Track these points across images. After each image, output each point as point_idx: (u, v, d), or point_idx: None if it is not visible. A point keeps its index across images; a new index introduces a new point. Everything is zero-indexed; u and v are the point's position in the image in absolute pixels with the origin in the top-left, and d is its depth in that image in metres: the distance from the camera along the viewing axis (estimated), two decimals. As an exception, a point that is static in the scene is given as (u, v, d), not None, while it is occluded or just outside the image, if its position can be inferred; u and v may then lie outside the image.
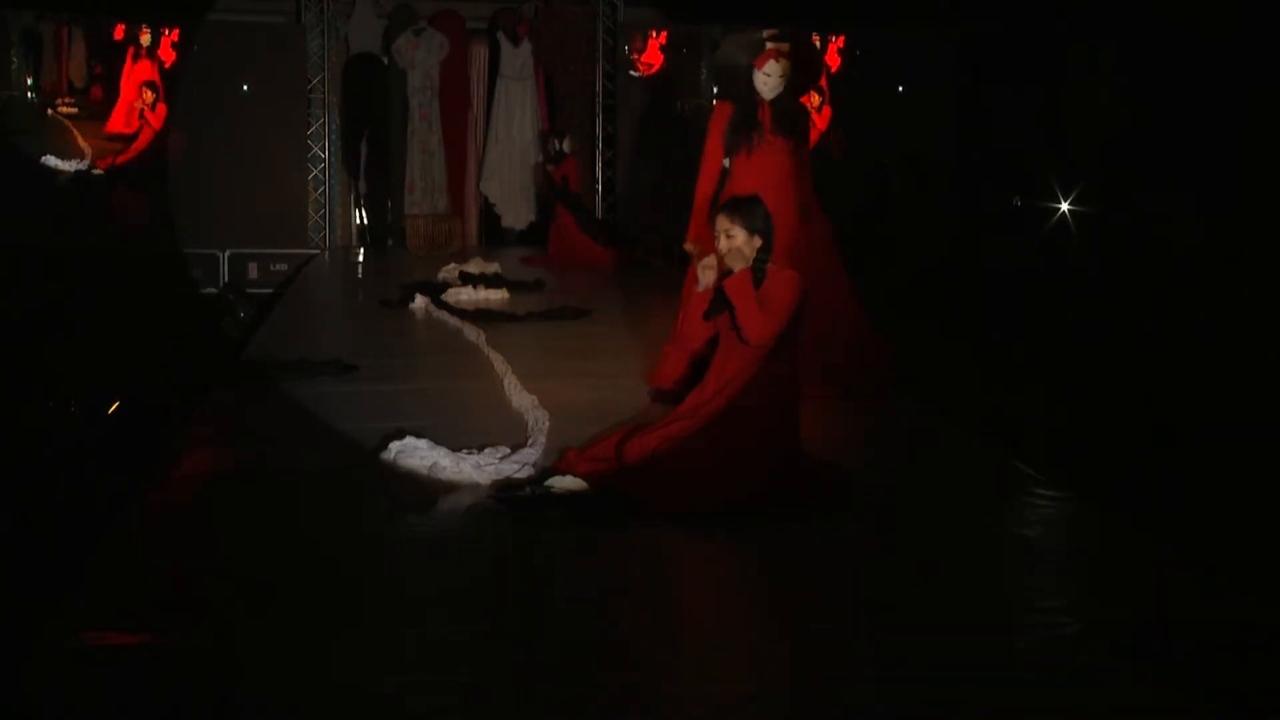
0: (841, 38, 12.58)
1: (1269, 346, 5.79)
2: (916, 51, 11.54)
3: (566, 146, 11.39)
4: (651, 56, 12.87)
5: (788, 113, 6.05)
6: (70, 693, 2.92)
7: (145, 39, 11.63)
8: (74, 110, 11.47)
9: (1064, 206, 7.83)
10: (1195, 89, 6.70)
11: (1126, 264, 7.17)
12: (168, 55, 11.79)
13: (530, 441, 4.92)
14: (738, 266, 4.35)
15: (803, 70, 6.12)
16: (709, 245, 4.61)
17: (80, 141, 11.41)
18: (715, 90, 12.55)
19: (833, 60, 12.75)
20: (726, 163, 6.13)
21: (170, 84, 11.61)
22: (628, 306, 8.76)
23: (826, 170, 12.08)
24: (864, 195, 11.19)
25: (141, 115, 11.57)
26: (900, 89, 11.76)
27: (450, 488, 4.45)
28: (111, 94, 11.63)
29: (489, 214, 12.62)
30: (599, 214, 12.75)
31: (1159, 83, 7.06)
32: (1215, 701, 2.98)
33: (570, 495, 4.26)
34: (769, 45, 6.06)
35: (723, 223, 4.38)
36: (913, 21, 11.33)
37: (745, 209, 4.41)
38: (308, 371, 6.23)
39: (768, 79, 6.01)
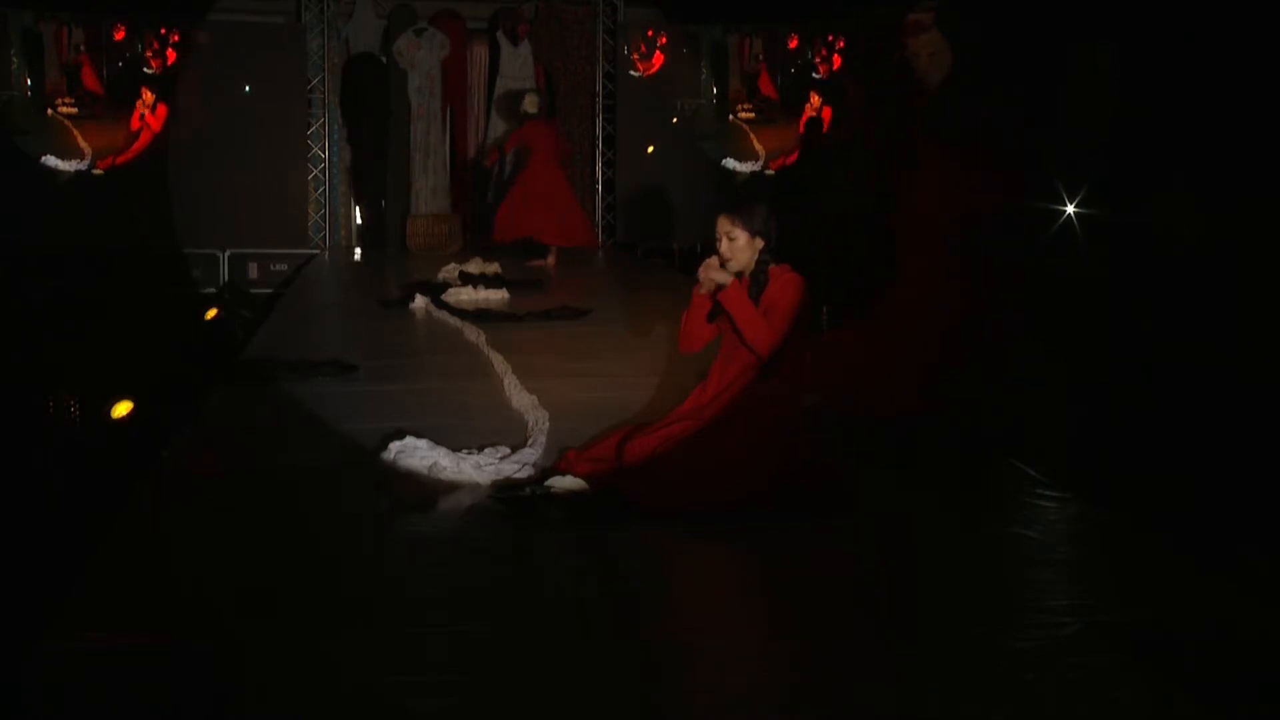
0: (843, 39, 12.58)
1: (1269, 347, 5.78)
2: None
3: (530, 107, 10.65)
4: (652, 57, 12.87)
5: (952, 108, 4.66)
6: (70, 693, 2.92)
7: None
8: (74, 110, 11.47)
9: (1069, 210, 7.82)
10: (1195, 89, 6.69)
11: (1126, 264, 7.16)
12: (169, 55, 11.78)
13: (530, 441, 4.92)
14: (725, 279, 4.31)
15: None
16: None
17: (80, 141, 11.41)
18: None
19: (834, 60, 12.76)
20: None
21: (171, 84, 11.61)
22: (627, 306, 8.76)
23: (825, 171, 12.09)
24: (864, 196, 11.16)
25: (142, 117, 11.57)
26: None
27: (450, 488, 4.45)
28: (116, 95, 11.62)
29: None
30: (599, 214, 12.78)
31: (1159, 83, 7.05)
32: (1215, 701, 2.98)
33: (570, 495, 4.26)
34: (911, 17, 4.76)
35: (724, 225, 4.34)
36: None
37: (746, 210, 4.39)
38: (308, 371, 6.24)
39: (916, 60, 4.70)
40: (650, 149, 12.81)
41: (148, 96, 11.55)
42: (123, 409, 6.36)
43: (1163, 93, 6.79)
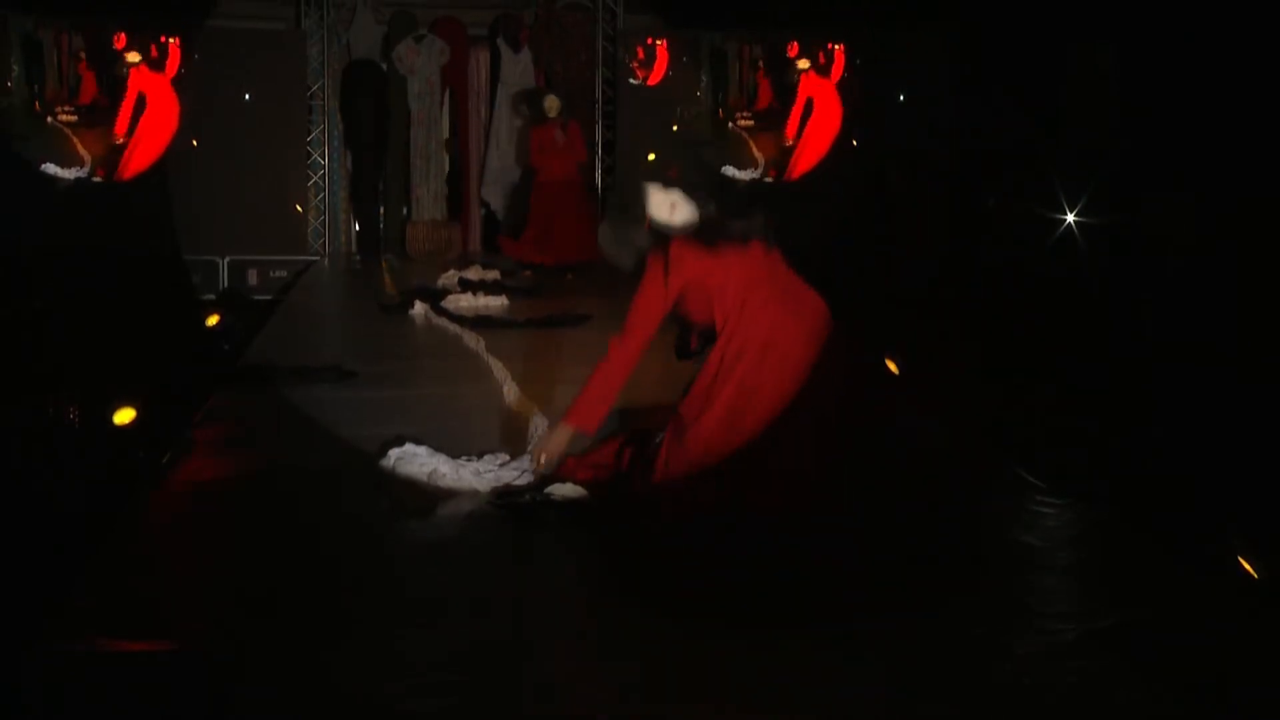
0: (842, 45, 12.58)
1: (1269, 347, 5.78)
2: (915, 54, 11.54)
3: (550, 110, 10.90)
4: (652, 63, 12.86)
5: None
6: (71, 695, 2.91)
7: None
8: (73, 118, 11.47)
9: (1070, 218, 7.83)
10: (1195, 89, 6.70)
11: (1127, 266, 7.17)
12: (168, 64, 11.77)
13: (530, 448, 4.91)
14: None
15: None
16: None
17: (80, 148, 11.41)
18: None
19: (836, 65, 12.75)
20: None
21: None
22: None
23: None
24: (863, 197, 11.18)
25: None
26: (901, 96, 11.77)
27: (450, 494, 4.44)
28: (115, 102, 11.61)
29: (489, 220, 12.63)
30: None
31: (1159, 83, 7.06)
32: (1215, 704, 2.98)
33: (570, 502, 4.26)
34: None
35: None
36: (911, 22, 11.33)
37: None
38: (307, 377, 6.23)
39: None
40: (651, 156, 12.80)
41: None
42: (125, 416, 6.35)
43: (1163, 93, 6.79)
